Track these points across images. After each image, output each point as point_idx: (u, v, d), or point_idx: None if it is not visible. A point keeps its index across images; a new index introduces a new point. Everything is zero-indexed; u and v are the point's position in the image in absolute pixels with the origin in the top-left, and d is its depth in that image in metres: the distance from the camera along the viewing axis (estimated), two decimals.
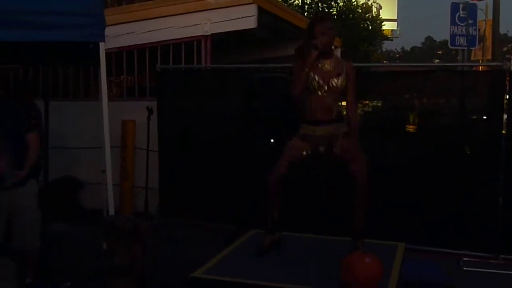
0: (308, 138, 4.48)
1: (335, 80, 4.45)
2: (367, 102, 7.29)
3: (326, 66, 4.47)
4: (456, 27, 11.09)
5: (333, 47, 4.61)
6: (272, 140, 6.23)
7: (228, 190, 6.76)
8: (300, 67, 4.38)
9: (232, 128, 6.86)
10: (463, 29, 10.88)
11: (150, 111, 7.08)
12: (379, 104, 7.16)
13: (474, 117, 6.43)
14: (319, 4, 22.00)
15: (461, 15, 10.85)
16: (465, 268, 5.69)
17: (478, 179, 5.98)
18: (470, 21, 11.09)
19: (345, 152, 4.44)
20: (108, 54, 6.34)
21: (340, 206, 4.85)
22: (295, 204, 5.65)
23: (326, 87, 4.43)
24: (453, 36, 10.70)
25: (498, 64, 6.23)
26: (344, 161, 4.46)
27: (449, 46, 11.31)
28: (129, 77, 9.32)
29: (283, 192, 4.52)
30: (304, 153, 4.48)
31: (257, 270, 4.11)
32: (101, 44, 4.89)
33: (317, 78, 4.41)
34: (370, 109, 7.36)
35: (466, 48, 10.94)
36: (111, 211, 5.26)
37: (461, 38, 10.67)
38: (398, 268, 4.12)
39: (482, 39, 14.66)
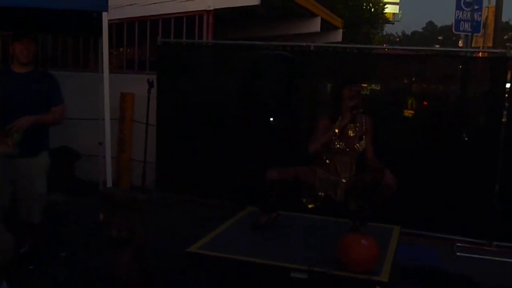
0: (322, 181, 4.56)
1: (358, 145, 4.60)
2: (365, 85, 7.26)
3: (351, 130, 4.54)
4: (461, 12, 11.02)
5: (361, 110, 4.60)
6: (271, 119, 6.21)
7: (226, 166, 6.76)
8: (327, 126, 4.46)
9: (231, 104, 6.84)
10: (468, 14, 10.81)
11: (150, 84, 7.03)
12: (377, 88, 7.12)
13: (474, 104, 6.40)
14: None
15: (467, 0, 10.79)
16: (458, 254, 5.73)
17: (475, 166, 5.99)
18: (476, 7, 11.02)
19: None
20: (109, 25, 6.27)
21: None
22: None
23: (348, 150, 4.54)
24: (457, 21, 10.64)
25: (502, 51, 6.20)
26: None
27: (453, 31, 11.24)
28: (129, 50, 9.24)
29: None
30: (318, 191, 4.57)
31: (252, 247, 4.12)
32: (104, 14, 4.85)
33: (341, 143, 4.50)
34: (368, 93, 7.33)
35: (470, 33, 10.88)
36: (109, 184, 5.26)
37: (465, 23, 10.61)
38: (393, 251, 4.14)
39: (483, 26, 14.60)
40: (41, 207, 4.74)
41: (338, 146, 4.52)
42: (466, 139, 6.33)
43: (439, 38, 56.70)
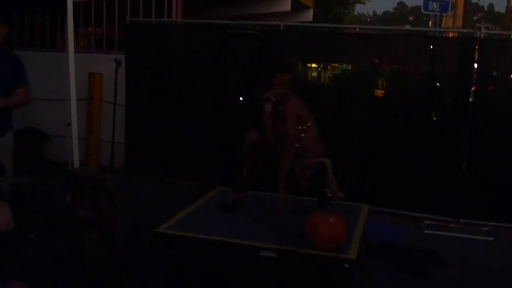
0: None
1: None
2: (336, 65, 7.28)
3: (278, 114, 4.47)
4: None
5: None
6: (241, 98, 6.19)
7: (196, 146, 6.73)
8: (265, 118, 4.39)
9: (201, 84, 6.80)
10: None
11: (118, 63, 6.95)
12: (348, 68, 7.15)
13: (443, 84, 6.46)
14: None
15: None
16: (426, 231, 5.81)
17: (443, 145, 6.06)
18: None
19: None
20: (76, 4, 6.19)
21: None
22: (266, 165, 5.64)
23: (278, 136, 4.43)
24: (426, 1, 10.70)
25: (469, 31, 6.25)
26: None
27: (422, 11, 11.29)
28: (97, 29, 9.11)
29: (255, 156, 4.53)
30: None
31: (221, 227, 4.12)
32: None
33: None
34: (339, 72, 7.36)
35: (438, 13, 10.96)
36: (76, 164, 5.20)
37: (434, 3, 10.67)
38: (361, 229, 4.17)
39: (453, 6, 14.70)
40: (7, 187, 4.67)
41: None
42: (434, 118, 6.39)
43: (410, 18, 57.03)
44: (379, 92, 6.66)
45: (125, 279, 4.28)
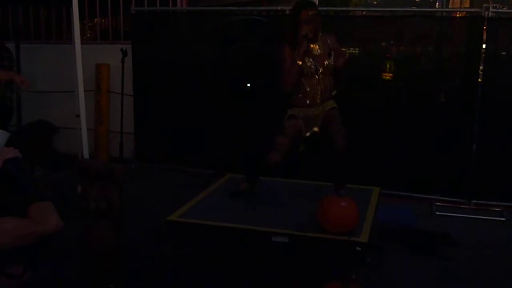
0: (304, 119, 4.45)
1: (327, 61, 4.40)
2: (343, 49, 7.23)
3: (317, 50, 4.40)
4: None
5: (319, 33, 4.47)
6: (248, 84, 6.15)
7: (204, 134, 6.73)
8: (290, 60, 4.29)
9: (208, 71, 6.78)
10: None
11: (124, 53, 6.94)
12: (356, 51, 7.10)
13: (451, 65, 6.41)
14: None
15: None
16: (437, 213, 5.80)
17: (453, 126, 6.03)
18: None
19: (328, 123, 4.46)
20: None
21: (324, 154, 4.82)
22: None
23: (321, 69, 4.37)
24: None
25: (477, 10, 6.18)
26: (327, 130, 4.47)
27: None
28: (102, 20, 9.09)
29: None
30: (297, 132, 4.45)
31: (233, 213, 4.13)
32: None
33: (311, 64, 4.34)
34: (347, 56, 7.30)
35: None
36: (86, 156, 5.22)
37: None
38: (372, 212, 4.16)
39: None
40: None
41: (310, 69, 4.35)
42: (443, 99, 6.36)
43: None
44: (387, 75, 6.62)
45: (136, 269, 4.30)
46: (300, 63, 4.28)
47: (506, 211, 5.75)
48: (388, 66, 6.64)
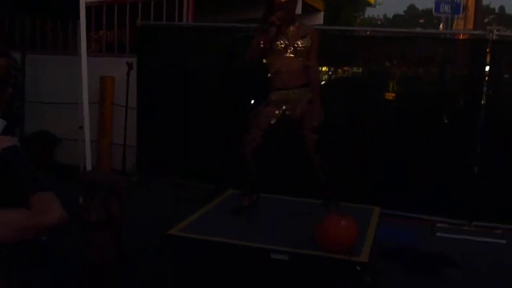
0: (276, 104, 4.47)
1: (300, 42, 4.41)
2: (347, 68, 7.26)
3: (290, 32, 4.42)
4: None
5: (297, 23, 4.50)
6: (252, 101, 6.19)
7: (207, 149, 6.74)
8: (257, 41, 4.35)
9: (212, 86, 6.81)
10: None
11: (129, 66, 6.98)
12: (359, 71, 7.13)
13: (454, 86, 6.44)
14: None
15: None
16: (438, 234, 5.78)
17: (455, 147, 6.04)
18: None
19: (303, 118, 4.44)
20: (88, 8, 6.21)
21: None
22: (274, 167, 5.65)
23: (292, 48, 4.38)
24: (437, 3, 10.67)
25: (481, 33, 6.23)
26: (300, 126, 4.47)
27: (433, 13, 11.28)
28: (108, 33, 9.15)
29: (259, 158, 4.52)
30: (273, 120, 4.47)
31: (233, 230, 4.11)
32: None
33: (282, 41, 4.36)
34: (350, 75, 7.34)
35: (450, 15, 10.94)
36: (88, 167, 5.23)
37: (445, 5, 10.65)
38: (373, 232, 4.15)
39: (464, 9, 14.65)
40: None
41: (280, 45, 4.34)
42: (446, 121, 6.37)
43: (421, 21, 56.72)
44: (390, 95, 6.65)
45: (135, 282, 4.29)
46: (264, 46, 4.31)
47: (506, 233, 5.74)
48: (391, 86, 6.67)
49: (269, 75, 4.51)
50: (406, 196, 6.10)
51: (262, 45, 4.33)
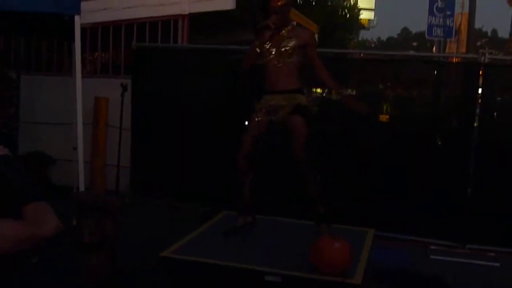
0: (261, 108, 4.48)
1: (285, 42, 4.42)
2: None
3: (282, 35, 4.44)
4: (433, 17, 11.20)
5: (293, 23, 4.57)
6: (246, 123, 6.21)
7: (201, 170, 6.74)
8: (253, 45, 4.38)
9: (206, 108, 6.83)
10: (441, 20, 10.99)
11: (124, 87, 7.00)
12: (353, 93, 7.16)
13: (447, 108, 6.48)
14: None
15: (439, 5, 10.97)
16: (432, 257, 5.77)
17: (449, 170, 6.05)
18: (448, 12, 11.21)
19: (288, 126, 4.44)
20: (83, 29, 6.23)
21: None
22: (267, 188, 5.65)
23: (278, 50, 4.39)
24: (430, 26, 10.79)
25: (474, 56, 6.29)
26: (289, 134, 4.46)
27: (426, 36, 11.42)
28: (103, 54, 9.19)
29: (253, 173, 4.53)
30: (262, 126, 4.48)
31: (226, 251, 4.11)
32: (76, 17, 4.82)
33: (269, 44, 4.38)
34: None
35: (442, 39, 11.06)
36: (81, 188, 5.21)
37: (438, 29, 10.78)
38: (366, 254, 4.15)
39: (457, 32, 14.80)
40: None
41: (264, 48, 4.38)
42: (439, 143, 6.40)
43: (414, 44, 57.19)
44: (384, 117, 6.68)
45: None
46: (259, 50, 4.32)
47: (500, 257, 5.73)
48: (385, 108, 6.70)
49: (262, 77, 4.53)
50: (400, 218, 6.09)
51: (258, 50, 4.35)
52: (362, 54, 8.30)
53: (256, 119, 4.49)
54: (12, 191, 2.06)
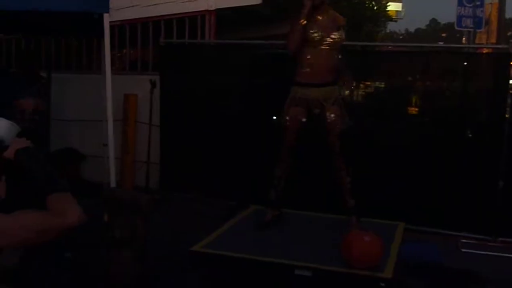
0: (301, 101, 4.48)
1: (335, 34, 4.42)
2: (369, 83, 7.26)
3: (324, 20, 4.44)
4: (463, 8, 11.02)
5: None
6: (274, 117, 6.22)
7: (229, 165, 6.76)
8: (295, 22, 4.36)
9: (234, 103, 6.85)
10: (470, 11, 10.80)
11: (153, 84, 7.05)
12: (381, 86, 7.13)
13: (477, 100, 6.40)
14: None
15: None
16: (463, 250, 5.72)
17: (479, 162, 5.97)
18: (477, 3, 11.02)
19: (329, 118, 4.46)
20: (111, 27, 6.28)
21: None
22: (297, 182, 5.64)
23: (328, 41, 4.39)
24: (459, 17, 10.61)
25: (504, 46, 6.19)
26: (326, 128, 4.48)
27: (456, 27, 11.23)
28: (131, 51, 9.27)
29: (292, 163, 4.57)
30: (303, 119, 4.49)
31: (256, 245, 4.13)
32: (105, 16, 4.87)
33: (317, 30, 4.37)
34: (372, 90, 7.33)
35: (472, 30, 10.87)
36: (112, 184, 5.28)
37: (467, 19, 10.59)
38: (397, 248, 4.14)
39: (487, 22, 14.56)
40: None
41: (315, 35, 4.39)
42: (470, 135, 6.32)
43: (443, 35, 56.42)
44: (413, 110, 6.62)
45: None
46: (304, 23, 4.30)
47: None
48: (414, 100, 6.65)
49: (299, 68, 4.51)
50: (430, 212, 6.04)
51: (302, 23, 4.32)
52: (390, 47, 8.24)
53: (295, 113, 4.50)
54: (35, 182, 2.08)
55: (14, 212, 2.01)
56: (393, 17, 34.31)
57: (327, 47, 4.39)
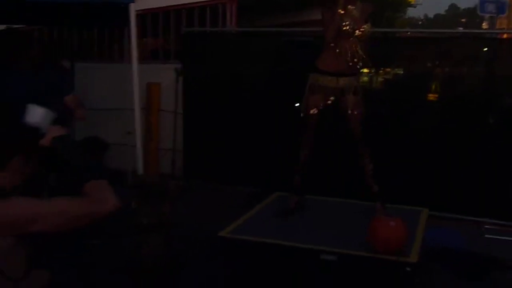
0: (321, 90, 4.54)
1: (365, 27, 4.47)
2: (389, 69, 7.24)
3: (355, 11, 4.47)
4: None
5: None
6: (297, 104, 6.25)
7: (252, 152, 6.80)
8: (331, 13, 4.39)
9: (257, 91, 6.87)
10: None
11: (178, 73, 7.10)
12: (400, 72, 7.10)
13: (499, 86, 6.36)
14: None
15: None
16: (486, 236, 5.72)
17: (503, 148, 5.96)
18: None
19: (349, 107, 4.51)
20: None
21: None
22: (321, 168, 5.68)
23: (358, 33, 4.43)
24: (482, 2, 10.48)
25: None
26: (347, 116, 4.53)
27: (478, 12, 11.08)
28: (153, 40, 9.34)
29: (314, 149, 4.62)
30: (324, 106, 4.55)
31: (281, 231, 4.19)
32: (131, 5, 4.92)
33: (349, 24, 4.40)
34: (391, 77, 7.31)
35: (495, 15, 10.73)
36: (139, 172, 5.35)
37: (490, 4, 10.47)
38: (421, 233, 4.17)
39: (508, 7, 14.36)
40: None
41: (345, 28, 4.44)
42: (491, 120, 6.29)
43: (462, 20, 55.75)
44: (433, 96, 6.60)
45: (186, 284, 4.37)
46: (342, 13, 4.34)
47: None
48: (434, 87, 6.62)
49: (324, 56, 4.55)
50: (453, 197, 6.04)
51: (340, 12, 4.38)
52: (409, 33, 8.20)
53: (314, 102, 4.55)
54: (72, 170, 2.16)
55: (53, 198, 2.08)
56: (412, 3, 34.01)
57: (356, 38, 4.43)
